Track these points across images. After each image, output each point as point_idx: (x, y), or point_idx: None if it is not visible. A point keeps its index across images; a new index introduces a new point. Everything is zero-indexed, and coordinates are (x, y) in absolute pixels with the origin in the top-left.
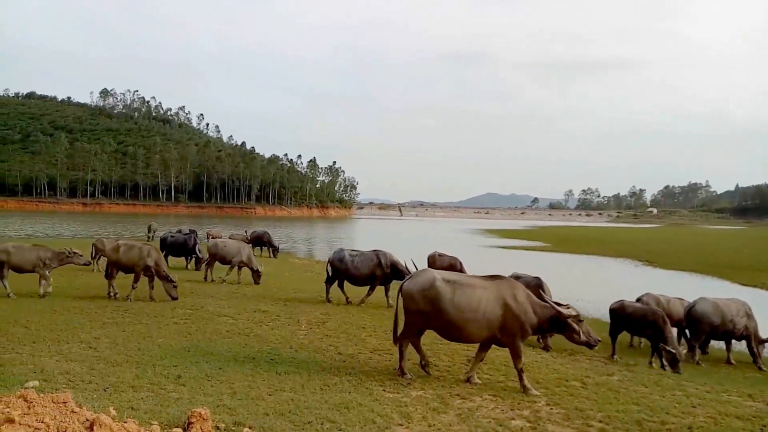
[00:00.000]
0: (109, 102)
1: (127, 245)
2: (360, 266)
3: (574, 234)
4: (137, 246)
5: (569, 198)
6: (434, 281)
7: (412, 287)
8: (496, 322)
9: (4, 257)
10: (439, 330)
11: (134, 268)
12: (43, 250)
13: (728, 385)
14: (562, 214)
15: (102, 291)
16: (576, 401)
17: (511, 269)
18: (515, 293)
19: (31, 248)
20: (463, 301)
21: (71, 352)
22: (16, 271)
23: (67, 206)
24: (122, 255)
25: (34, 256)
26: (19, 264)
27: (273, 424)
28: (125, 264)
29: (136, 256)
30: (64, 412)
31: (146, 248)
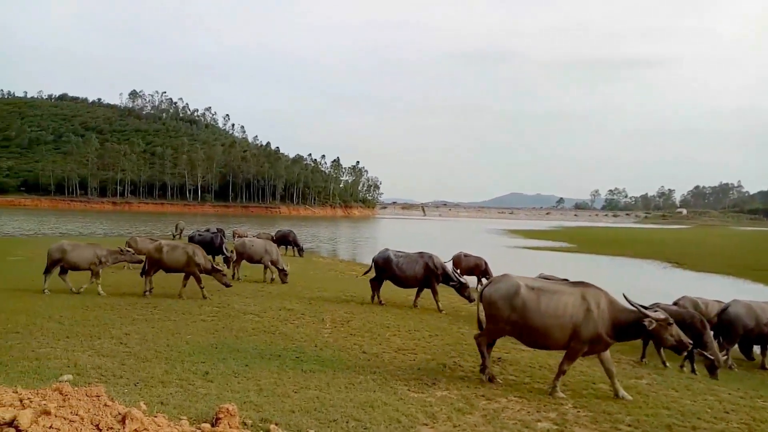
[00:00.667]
0: (138, 103)
1: (170, 245)
2: (405, 268)
3: (600, 235)
4: (181, 246)
5: (595, 198)
6: (519, 288)
7: (494, 294)
8: (576, 328)
9: (60, 255)
10: (521, 337)
11: (181, 268)
12: (98, 248)
13: (763, 390)
14: (588, 215)
15: (132, 288)
16: (603, 404)
17: (536, 270)
18: (598, 300)
19: (86, 246)
20: (550, 309)
21: (103, 347)
22: (72, 269)
23: (98, 205)
24: (165, 255)
25: (90, 254)
26: (75, 262)
27: (299, 421)
28: (169, 264)
29: (182, 256)
30: (97, 405)
31: (190, 248)
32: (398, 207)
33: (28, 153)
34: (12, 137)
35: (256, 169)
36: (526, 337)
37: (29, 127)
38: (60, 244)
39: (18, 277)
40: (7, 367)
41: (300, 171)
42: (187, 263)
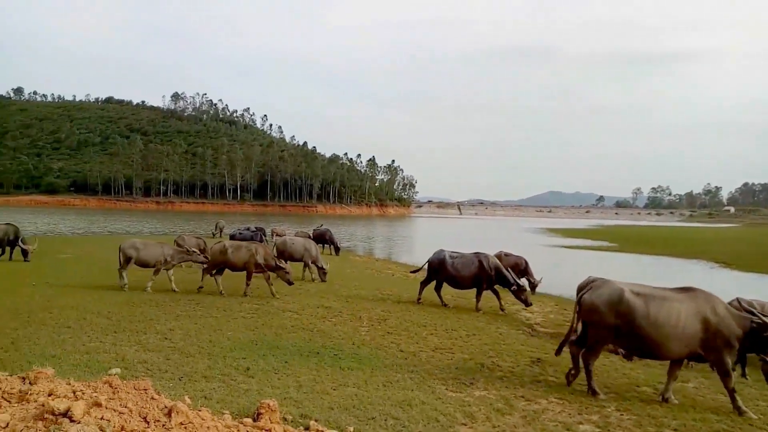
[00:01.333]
0: (179, 105)
1: (234, 245)
2: (461, 269)
3: (642, 234)
4: (244, 246)
5: (637, 196)
6: (623, 294)
7: (597, 300)
8: (696, 338)
9: (133, 253)
10: (629, 346)
11: (245, 267)
12: (167, 246)
13: None
14: (630, 213)
15: (178, 284)
16: (648, 408)
17: (575, 269)
18: (714, 306)
19: (156, 244)
20: (661, 316)
21: (148, 342)
22: (142, 266)
23: (142, 204)
24: (231, 255)
25: (158, 252)
26: (145, 259)
27: (338, 417)
28: (234, 264)
29: (246, 255)
30: (144, 398)
31: (253, 246)
32: (434, 206)
33: (77, 154)
34: (62, 139)
35: (294, 168)
36: (635, 347)
37: (78, 130)
38: (132, 242)
39: (68, 274)
40: (61, 360)
41: (336, 170)
42: (249, 262)
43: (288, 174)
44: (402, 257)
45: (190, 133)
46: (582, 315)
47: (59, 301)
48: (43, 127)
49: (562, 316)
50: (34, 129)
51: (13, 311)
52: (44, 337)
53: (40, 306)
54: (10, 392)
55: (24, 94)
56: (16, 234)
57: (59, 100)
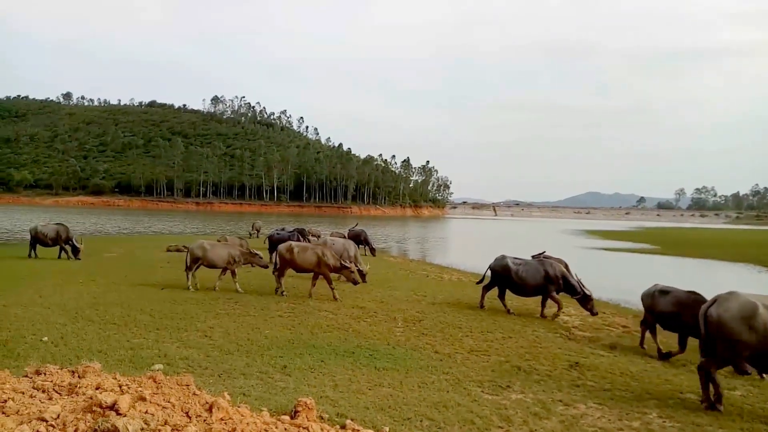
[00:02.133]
0: (219, 108)
1: (300, 246)
2: (525, 276)
3: (685, 236)
4: (310, 247)
5: (680, 197)
6: (757, 308)
7: (724, 315)
8: None
9: (200, 254)
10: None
11: (312, 268)
12: (233, 248)
13: None
14: (673, 215)
15: (214, 283)
16: (692, 415)
17: (614, 272)
18: None
19: (223, 246)
20: None
21: (189, 339)
22: (209, 267)
23: (183, 205)
24: (297, 256)
25: (225, 254)
26: (213, 260)
27: (374, 417)
28: (300, 265)
29: (313, 257)
30: (186, 393)
31: (319, 249)
32: (469, 207)
33: (122, 157)
34: (108, 142)
35: (329, 169)
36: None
37: (122, 133)
38: (200, 243)
39: (113, 272)
40: (107, 355)
41: (371, 171)
42: (317, 263)
43: (323, 175)
44: (436, 258)
45: (229, 135)
46: (710, 331)
47: (105, 298)
48: (90, 131)
49: (601, 320)
50: (82, 132)
51: (62, 307)
52: (91, 333)
53: (87, 303)
54: (60, 385)
55: (72, 99)
56: (67, 234)
57: (105, 105)
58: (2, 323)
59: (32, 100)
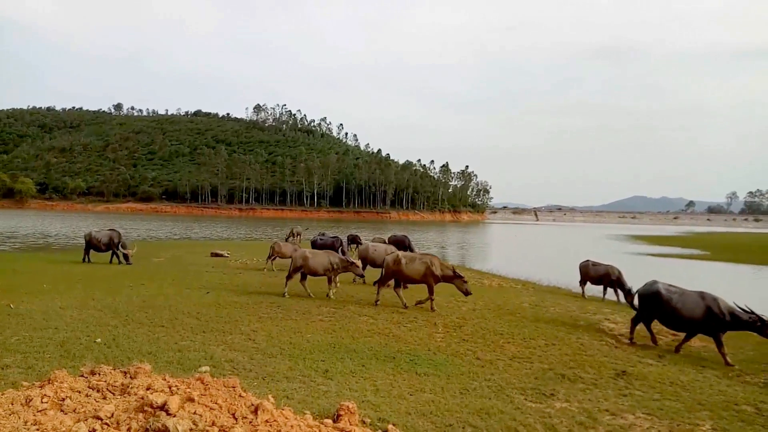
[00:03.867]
0: (261, 116)
1: (408, 257)
2: (680, 307)
3: (738, 241)
4: (418, 257)
5: (732, 201)
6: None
7: None
8: None
9: (302, 262)
10: None
11: (422, 279)
12: (333, 255)
13: None
14: (724, 219)
15: (261, 287)
16: (749, 428)
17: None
18: None
19: (324, 254)
20: None
21: (234, 342)
22: (311, 275)
23: (226, 211)
24: (405, 267)
25: (326, 261)
26: (314, 268)
27: (415, 423)
28: (409, 276)
29: (421, 267)
30: (233, 395)
31: (428, 258)
32: (509, 212)
33: (169, 164)
34: (156, 150)
35: (368, 175)
36: None
37: (169, 141)
38: (302, 252)
39: (161, 276)
40: (156, 356)
41: (409, 177)
42: (425, 274)
43: (362, 181)
44: (476, 264)
45: (271, 142)
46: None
47: (154, 301)
48: (139, 140)
49: None
50: (131, 141)
51: (114, 310)
52: (141, 335)
53: (137, 306)
54: (113, 385)
55: (123, 110)
56: (120, 239)
57: (153, 115)
58: (59, 324)
59: (85, 111)
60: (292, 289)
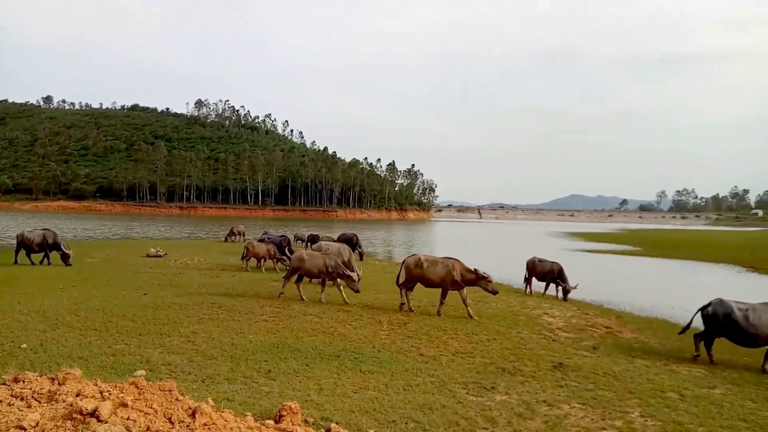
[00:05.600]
0: (203, 112)
1: (430, 260)
2: (756, 323)
3: (667, 237)
4: (440, 261)
5: (662, 199)
6: None
7: None
8: None
9: (299, 264)
10: None
11: (441, 283)
12: (329, 257)
13: None
14: (654, 217)
15: (202, 288)
16: (674, 414)
17: (598, 273)
18: None
19: (320, 256)
20: None
21: (172, 344)
22: (309, 277)
23: (166, 210)
24: (426, 270)
25: (321, 263)
26: (310, 269)
27: (359, 420)
28: (430, 279)
29: (443, 271)
30: (169, 399)
31: (450, 262)
32: (454, 210)
33: (103, 161)
34: (89, 146)
35: (314, 173)
36: None
37: (104, 137)
38: (300, 254)
39: (94, 277)
40: (88, 361)
41: (356, 175)
42: (445, 278)
43: (308, 179)
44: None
45: (213, 139)
46: None
47: (86, 304)
48: (71, 135)
49: (584, 320)
50: (63, 136)
51: (42, 314)
52: (72, 339)
53: (67, 309)
54: (39, 392)
55: (53, 103)
56: (55, 239)
57: (87, 108)
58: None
59: (11, 103)
60: (235, 289)
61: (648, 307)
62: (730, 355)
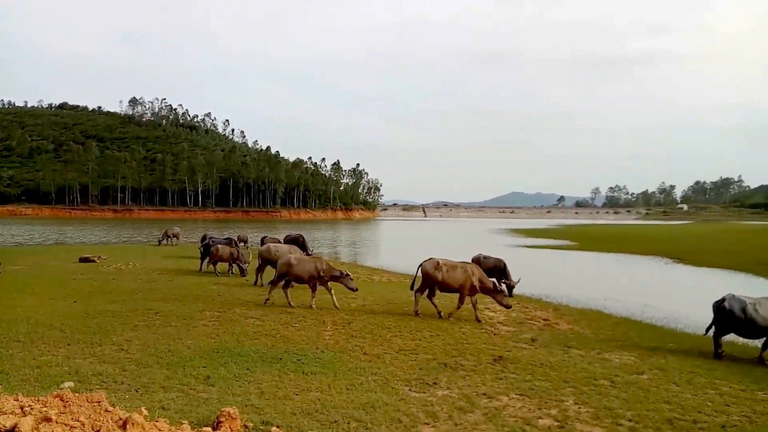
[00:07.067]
0: (138, 110)
1: (449, 265)
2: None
3: (601, 232)
4: (459, 266)
5: (596, 196)
6: None
7: None
8: None
9: (287, 269)
10: None
11: (459, 289)
12: (319, 262)
13: (764, 383)
14: (589, 213)
15: (138, 294)
16: (605, 400)
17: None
18: None
19: (309, 260)
20: None
21: (104, 354)
22: (297, 282)
23: (99, 213)
24: (446, 275)
25: (312, 268)
26: (299, 274)
27: (300, 423)
28: (448, 284)
29: (461, 276)
30: (98, 411)
31: (469, 267)
32: (399, 208)
33: (29, 162)
34: (13, 147)
35: (257, 173)
36: None
37: (30, 137)
38: (287, 258)
39: (18, 286)
40: (9, 375)
41: (300, 174)
42: (463, 284)
43: (251, 179)
44: (367, 261)
45: (149, 138)
46: None
47: (8, 314)
48: None
49: (524, 314)
50: None
51: None
52: None
53: None
54: None
55: None
56: None
57: (10, 106)
58: None
59: None
60: (172, 294)
61: (583, 300)
62: (659, 342)
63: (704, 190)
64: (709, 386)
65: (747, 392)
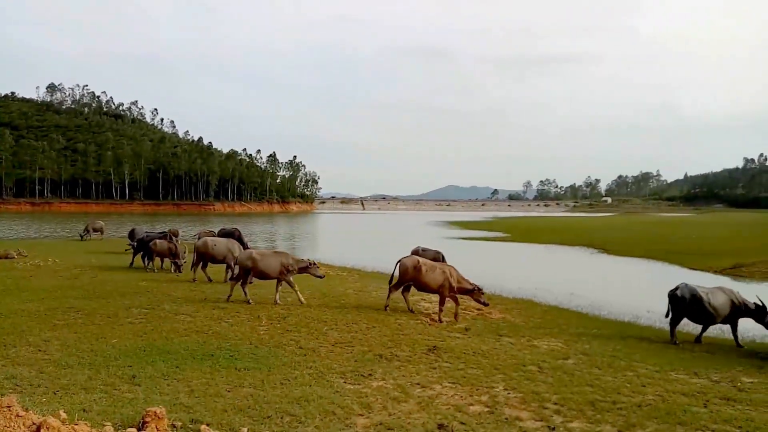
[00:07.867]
0: (56, 97)
1: (429, 265)
2: (718, 307)
3: (532, 224)
4: (438, 266)
5: (528, 189)
6: None
7: None
8: None
9: (251, 264)
10: None
11: (438, 290)
12: (284, 256)
13: (677, 364)
14: (521, 205)
15: (57, 291)
16: (532, 385)
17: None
18: None
19: (273, 255)
20: None
21: (18, 355)
22: (261, 278)
23: (14, 206)
24: (425, 275)
25: (277, 263)
26: (264, 270)
27: (232, 420)
28: (426, 284)
29: (440, 277)
30: (8, 416)
31: (447, 268)
32: (337, 201)
33: None
34: None
35: (188, 165)
36: None
37: None
38: (249, 253)
39: None
40: None
41: (234, 166)
42: (442, 284)
43: (182, 171)
44: (305, 254)
45: (70, 127)
46: None
47: None
48: None
49: (460, 306)
50: None
51: None
52: None
53: None
54: None
55: None
56: None
57: None
58: None
59: None
60: (96, 291)
61: (515, 289)
62: (584, 328)
63: (626, 183)
64: (627, 369)
65: (661, 373)
